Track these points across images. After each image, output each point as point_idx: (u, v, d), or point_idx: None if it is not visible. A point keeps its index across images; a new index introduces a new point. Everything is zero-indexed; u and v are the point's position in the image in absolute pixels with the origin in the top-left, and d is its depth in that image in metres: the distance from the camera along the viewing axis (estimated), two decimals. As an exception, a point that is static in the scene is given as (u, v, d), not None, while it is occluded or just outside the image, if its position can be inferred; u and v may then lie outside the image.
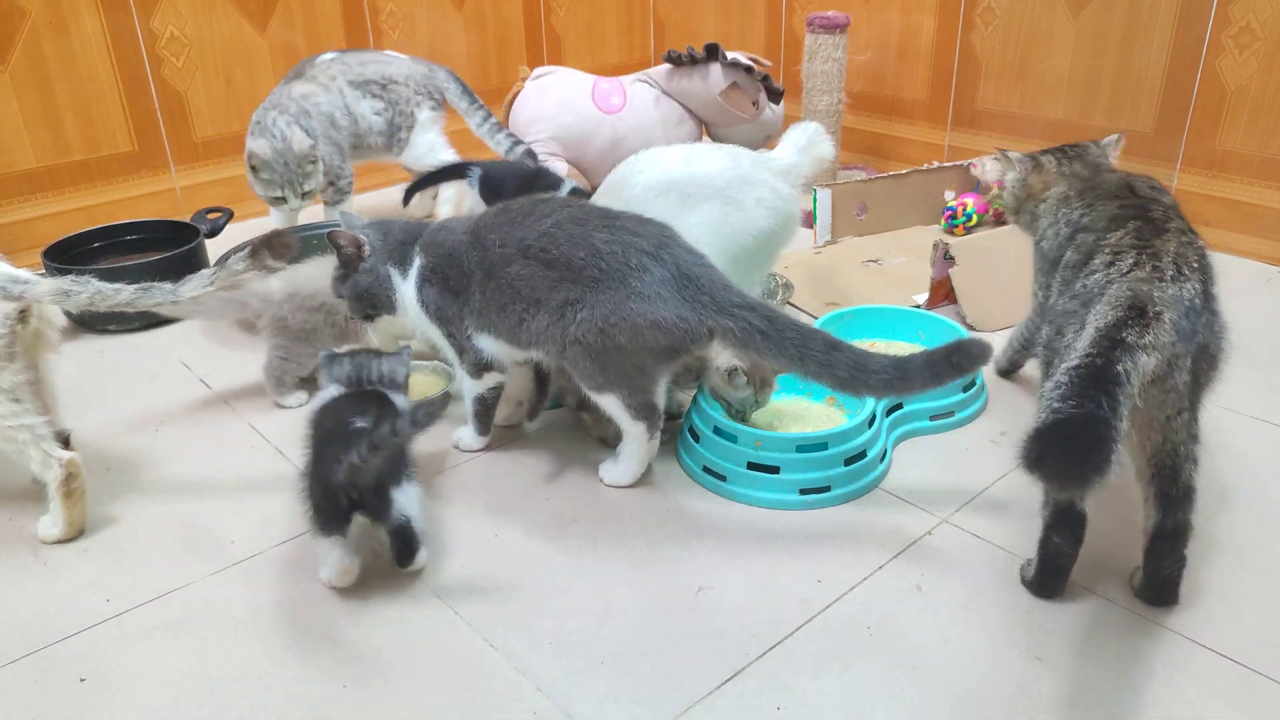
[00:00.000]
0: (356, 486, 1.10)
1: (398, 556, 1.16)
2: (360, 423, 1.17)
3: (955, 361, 1.11)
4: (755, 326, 1.17)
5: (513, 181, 1.90)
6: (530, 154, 2.20)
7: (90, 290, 1.20)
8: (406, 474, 1.17)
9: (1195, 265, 1.07)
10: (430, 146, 2.27)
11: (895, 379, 1.12)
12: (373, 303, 1.37)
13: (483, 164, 1.98)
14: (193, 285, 1.24)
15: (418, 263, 1.34)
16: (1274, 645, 1.05)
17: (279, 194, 1.97)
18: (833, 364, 1.14)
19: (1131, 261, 1.06)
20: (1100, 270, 1.08)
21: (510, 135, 2.27)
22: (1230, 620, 1.08)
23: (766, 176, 1.47)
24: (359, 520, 1.13)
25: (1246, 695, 0.99)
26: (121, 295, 1.21)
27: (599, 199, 1.45)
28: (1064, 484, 0.99)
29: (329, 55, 2.17)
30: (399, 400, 1.26)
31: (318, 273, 1.54)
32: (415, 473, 1.19)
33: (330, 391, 1.27)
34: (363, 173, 2.64)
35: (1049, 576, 1.12)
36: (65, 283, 1.19)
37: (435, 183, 2.15)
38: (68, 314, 1.87)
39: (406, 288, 1.35)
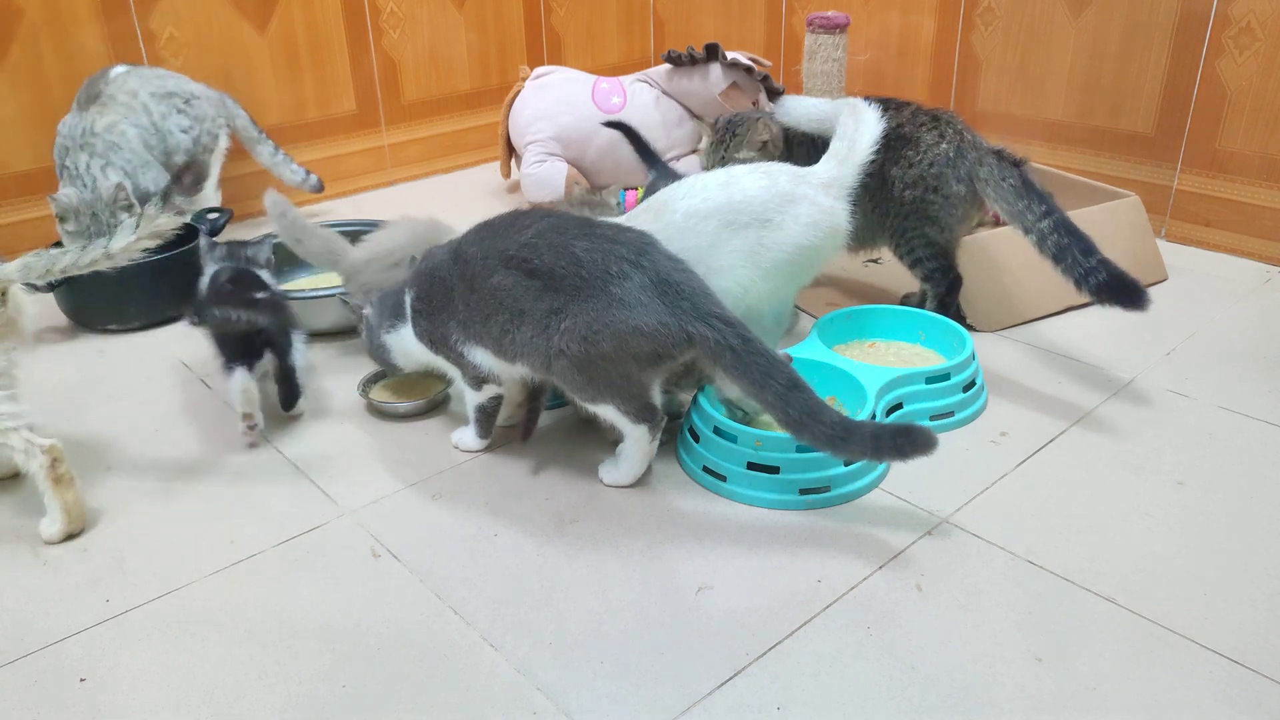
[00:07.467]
0: (262, 328, 1.42)
1: (283, 401, 1.50)
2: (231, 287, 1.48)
3: (899, 444, 1.13)
4: (727, 342, 1.17)
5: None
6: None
7: (45, 259, 1.22)
8: (297, 333, 1.50)
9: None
10: (214, 183, 2.19)
11: (837, 438, 1.14)
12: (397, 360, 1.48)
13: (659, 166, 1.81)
14: (120, 239, 1.24)
15: (408, 299, 1.39)
16: (1274, 645, 1.05)
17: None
18: (788, 401, 1.15)
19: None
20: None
21: (302, 168, 2.26)
22: (1230, 620, 1.08)
23: (808, 192, 1.45)
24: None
25: (1246, 695, 0.99)
26: (68, 257, 1.22)
27: (638, 218, 1.45)
28: None
29: (120, 69, 2.05)
30: (264, 275, 1.56)
31: (387, 234, 1.61)
32: (305, 339, 1.52)
33: (212, 269, 1.56)
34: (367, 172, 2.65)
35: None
36: (26, 257, 1.22)
37: (642, 152, 1.86)
38: (68, 313, 1.87)
39: (407, 330, 1.41)
